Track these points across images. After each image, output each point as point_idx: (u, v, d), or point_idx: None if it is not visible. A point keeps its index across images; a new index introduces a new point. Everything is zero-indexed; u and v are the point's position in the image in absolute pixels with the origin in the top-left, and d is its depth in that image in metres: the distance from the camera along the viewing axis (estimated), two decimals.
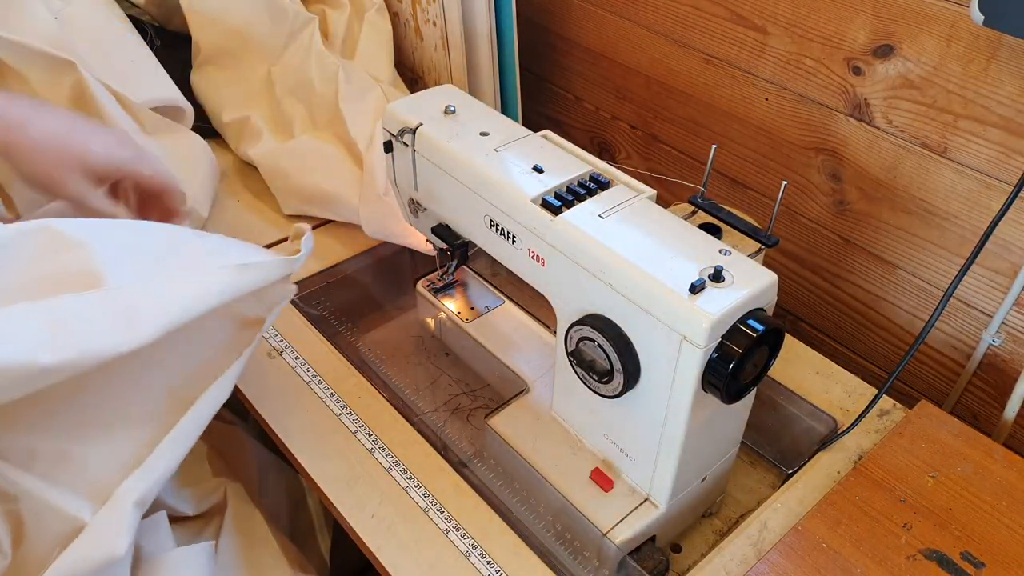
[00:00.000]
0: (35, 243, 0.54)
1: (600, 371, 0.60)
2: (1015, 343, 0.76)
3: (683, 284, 0.54)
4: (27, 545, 0.56)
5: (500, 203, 0.64)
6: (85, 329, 0.51)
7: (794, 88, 0.84)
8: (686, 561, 0.70)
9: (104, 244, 0.54)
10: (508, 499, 0.71)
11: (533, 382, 0.76)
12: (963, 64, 0.70)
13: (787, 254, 0.94)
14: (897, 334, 0.86)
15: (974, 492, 0.64)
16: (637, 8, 0.96)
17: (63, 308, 0.51)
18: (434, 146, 0.69)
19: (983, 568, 0.59)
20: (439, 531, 0.63)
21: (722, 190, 0.97)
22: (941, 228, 0.78)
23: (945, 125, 0.73)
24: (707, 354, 0.53)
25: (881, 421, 0.73)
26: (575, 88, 1.12)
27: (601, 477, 0.66)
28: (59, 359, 0.50)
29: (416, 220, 0.79)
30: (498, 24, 0.98)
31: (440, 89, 0.75)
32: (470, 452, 0.76)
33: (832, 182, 0.85)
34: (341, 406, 0.73)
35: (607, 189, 0.63)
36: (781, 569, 0.59)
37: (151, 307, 0.53)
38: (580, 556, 0.66)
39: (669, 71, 0.96)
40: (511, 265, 0.67)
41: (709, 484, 0.68)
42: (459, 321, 0.83)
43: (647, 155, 1.05)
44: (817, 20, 0.79)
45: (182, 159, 0.93)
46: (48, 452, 0.55)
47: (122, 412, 0.57)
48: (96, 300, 0.52)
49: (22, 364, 0.49)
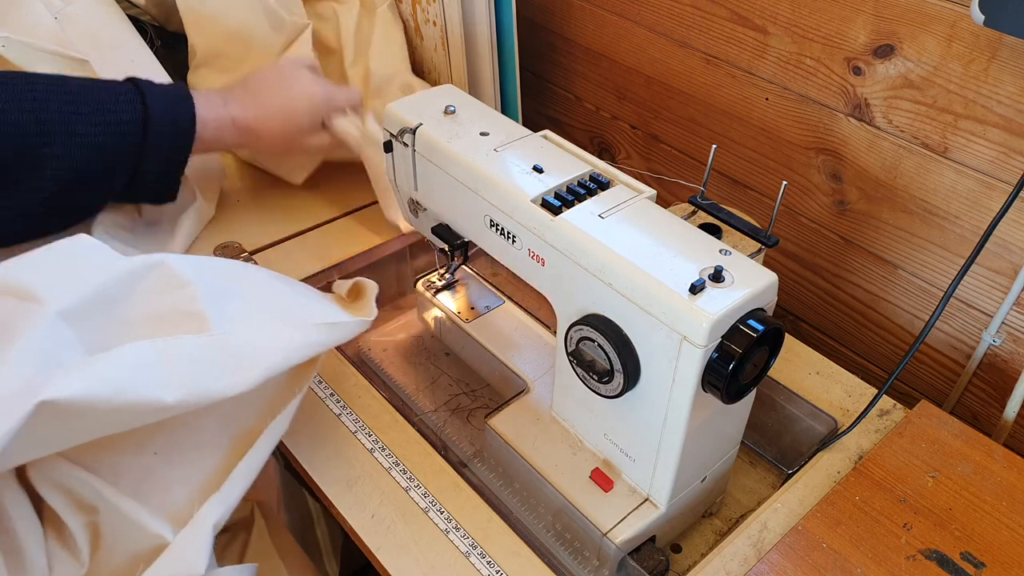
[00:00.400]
0: (151, 278, 0.57)
1: (600, 371, 0.60)
2: (1015, 343, 0.76)
3: (683, 284, 0.54)
4: (101, 556, 0.58)
5: (500, 203, 0.64)
6: (201, 371, 0.54)
7: (794, 88, 0.84)
8: (686, 561, 0.70)
9: (208, 285, 0.58)
10: (508, 499, 0.71)
11: (533, 382, 0.76)
12: (964, 64, 0.70)
13: (787, 254, 0.94)
14: (897, 334, 0.86)
15: (974, 492, 0.64)
16: (637, 8, 0.96)
17: (182, 349, 0.54)
18: (434, 146, 0.69)
19: (983, 568, 0.59)
20: (439, 531, 0.63)
21: (722, 190, 0.97)
22: (941, 228, 0.78)
23: (945, 125, 0.73)
24: (707, 354, 0.53)
25: (881, 421, 0.73)
26: (575, 88, 1.12)
27: (601, 477, 0.66)
28: (178, 398, 0.53)
29: (416, 220, 0.79)
30: (498, 24, 0.98)
31: (440, 89, 0.75)
32: (470, 452, 0.76)
33: (832, 182, 0.85)
34: (341, 406, 0.73)
35: (607, 189, 0.63)
36: (781, 569, 0.59)
37: (257, 355, 0.57)
38: (580, 556, 0.66)
39: (669, 71, 0.96)
40: (511, 265, 0.67)
41: (709, 484, 0.68)
42: (459, 321, 0.83)
43: (647, 155, 1.05)
44: (817, 20, 0.79)
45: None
46: (133, 469, 0.58)
47: (198, 440, 0.60)
48: (210, 344, 0.55)
49: (148, 401, 0.52)
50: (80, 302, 0.54)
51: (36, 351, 0.50)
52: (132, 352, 0.52)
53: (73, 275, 0.55)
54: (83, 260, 0.57)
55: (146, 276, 0.57)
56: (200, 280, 0.58)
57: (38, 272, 0.55)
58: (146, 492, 0.58)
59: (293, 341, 0.60)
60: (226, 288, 0.60)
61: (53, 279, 0.54)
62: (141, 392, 0.51)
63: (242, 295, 0.61)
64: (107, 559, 0.58)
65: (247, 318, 0.59)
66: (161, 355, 0.53)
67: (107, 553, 0.58)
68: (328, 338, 0.63)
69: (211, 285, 0.59)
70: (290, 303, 0.64)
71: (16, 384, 0.48)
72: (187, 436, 0.59)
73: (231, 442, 0.61)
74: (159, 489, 0.58)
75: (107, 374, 0.50)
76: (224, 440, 0.61)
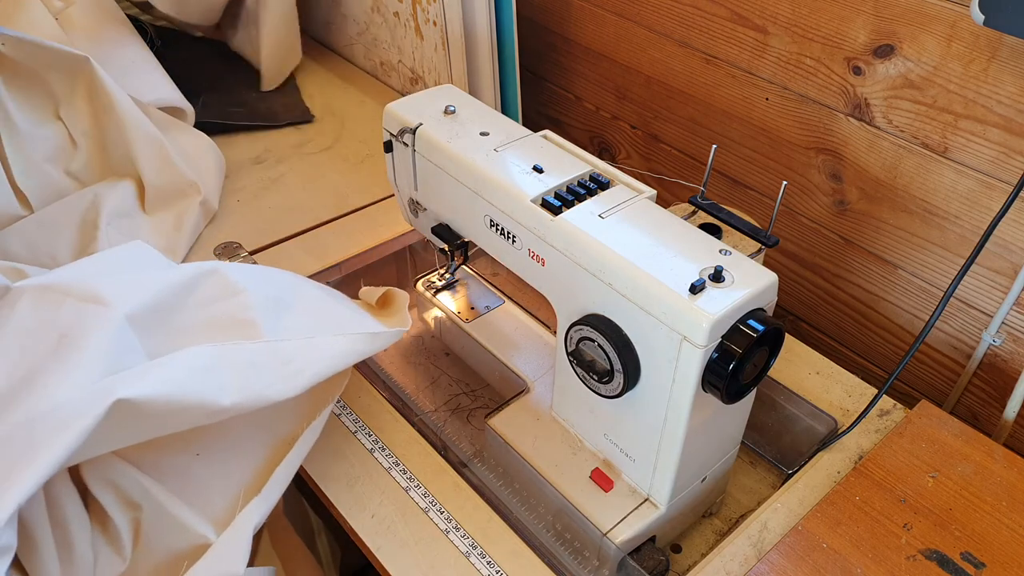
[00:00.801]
0: (207, 285, 0.59)
1: (600, 371, 0.60)
2: (1015, 343, 0.76)
3: (683, 284, 0.54)
4: (142, 552, 0.60)
5: (500, 203, 0.64)
6: (256, 376, 0.56)
7: (794, 88, 0.84)
8: (686, 561, 0.70)
9: (259, 293, 0.60)
10: (508, 499, 0.71)
11: (533, 382, 0.76)
12: (963, 64, 0.70)
13: (787, 254, 0.94)
14: (897, 334, 0.86)
15: (974, 492, 0.64)
16: (637, 8, 0.96)
17: (239, 354, 0.56)
18: (434, 146, 0.69)
19: (983, 568, 0.59)
20: (439, 531, 0.63)
21: (722, 190, 0.97)
22: (941, 228, 0.78)
23: (945, 125, 0.73)
24: (707, 354, 0.53)
25: (881, 421, 0.73)
26: (575, 88, 1.12)
27: (601, 477, 0.66)
28: (235, 401, 0.55)
29: (416, 220, 0.79)
30: (498, 24, 0.98)
31: (440, 89, 0.75)
32: (470, 452, 0.76)
33: (832, 182, 0.85)
34: (341, 406, 0.73)
35: (607, 189, 0.63)
36: (781, 569, 0.59)
37: (306, 363, 0.59)
38: (580, 556, 0.66)
39: (669, 71, 0.96)
40: (511, 265, 0.67)
41: (709, 484, 0.68)
42: (459, 321, 0.83)
43: (647, 155, 1.05)
44: (817, 20, 0.79)
45: (192, 155, 0.93)
46: (176, 468, 0.60)
47: (237, 443, 0.62)
48: (264, 350, 0.57)
49: (207, 403, 0.53)
50: (143, 307, 0.56)
51: (108, 352, 0.52)
52: (194, 356, 0.54)
53: (135, 280, 0.57)
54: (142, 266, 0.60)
55: (201, 283, 0.59)
56: (252, 288, 0.60)
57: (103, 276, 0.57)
58: (189, 492, 0.60)
59: (338, 349, 0.61)
60: (276, 296, 0.62)
61: (118, 283, 0.56)
62: (202, 394, 0.53)
63: (291, 304, 0.62)
64: (147, 555, 0.59)
65: (297, 326, 0.61)
66: (220, 359, 0.55)
67: (148, 549, 0.60)
68: (369, 347, 0.64)
69: (262, 293, 0.61)
70: (334, 312, 0.66)
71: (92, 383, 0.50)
72: (228, 439, 0.61)
73: (269, 447, 0.63)
74: (200, 489, 0.60)
75: (174, 375, 0.52)
76: (263, 444, 0.63)
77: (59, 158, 0.88)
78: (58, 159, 0.88)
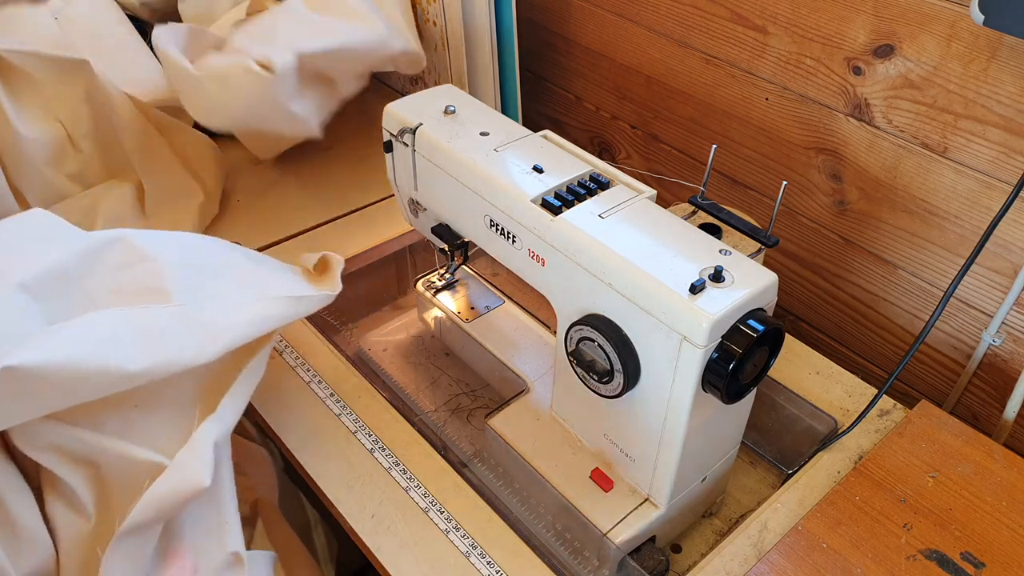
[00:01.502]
0: (113, 252, 0.58)
1: (600, 371, 0.60)
2: (1015, 343, 0.76)
3: (683, 284, 0.54)
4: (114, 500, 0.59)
5: (500, 203, 0.64)
6: (166, 341, 0.55)
7: (794, 88, 0.84)
8: (686, 561, 0.70)
9: (169, 259, 0.59)
10: (508, 499, 0.71)
11: (533, 382, 0.76)
12: (963, 64, 0.70)
13: (787, 254, 0.94)
14: (897, 334, 0.86)
15: (974, 492, 0.64)
16: (637, 8, 0.96)
17: (148, 319, 0.55)
18: (434, 146, 0.69)
19: (983, 568, 0.59)
20: (439, 531, 0.63)
21: (722, 190, 0.97)
22: (941, 228, 0.78)
23: (945, 125, 0.73)
24: (707, 354, 0.53)
25: (881, 421, 0.73)
26: (575, 88, 1.12)
27: (601, 477, 0.66)
28: (143, 367, 0.53)
29: (416, 220, 0.79)
30: (498, 24, 0.98)
31: (440, 89, 0.75)
32: (470, 452, 0.76)
33: (832, 182, 0.85)
34: (341, 406, 0.73)
35: (607, 189, 0.63)
36: (781, 569, 0.59)
37: (221, 328, 0.58)
38: (580, 556, 0.66)
39: (669, 71, 0.96)
40: (511, 265, 0.67)
41: (709, 484, 0.68)
42: (459, 321, 0.83)
43: (647, 155, 1.05)
44: (817, 20, 0.79)
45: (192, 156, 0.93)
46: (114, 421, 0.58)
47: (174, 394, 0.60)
48: (176, 314, 0.56)
49: (111, 370, 0.52)
50: (40, 275, 0.54)
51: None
52: (98, 321, 0.53)
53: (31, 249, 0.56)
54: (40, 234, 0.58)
55: (107, 250, 0.58)
56: (162, 255, 0.59)
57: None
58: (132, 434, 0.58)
59: (257, 314, 0.60)
60: (189, 262, 0.60)
61: (10, 252, 0.55)
62: (106, 359, 0.52)
63: (206, 268, 0.61)
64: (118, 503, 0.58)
65: (212, 291, 0.60)
66: (127, 325, 0.54)
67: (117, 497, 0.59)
68: (293, 311, 0.63)
69: (174, 259, 0.59)
70: (254, 276, 0.64)
71: None
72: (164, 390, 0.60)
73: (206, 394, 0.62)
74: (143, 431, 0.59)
75: (71, 341, 0.51)
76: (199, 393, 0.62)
77: (58, 161, 0.88)
78: (57, 162, 0.88)
